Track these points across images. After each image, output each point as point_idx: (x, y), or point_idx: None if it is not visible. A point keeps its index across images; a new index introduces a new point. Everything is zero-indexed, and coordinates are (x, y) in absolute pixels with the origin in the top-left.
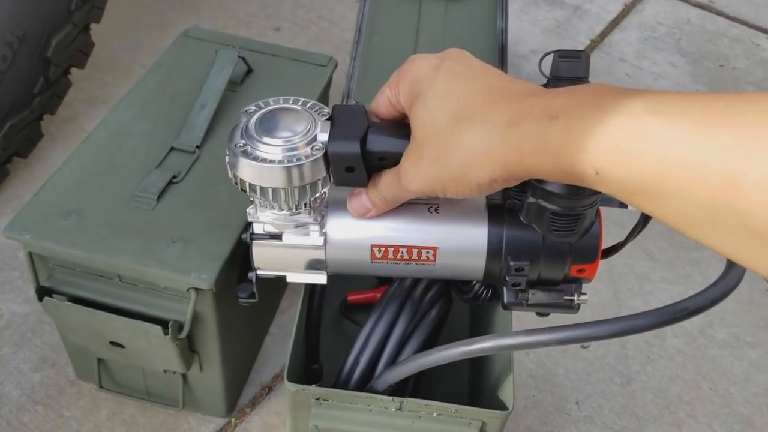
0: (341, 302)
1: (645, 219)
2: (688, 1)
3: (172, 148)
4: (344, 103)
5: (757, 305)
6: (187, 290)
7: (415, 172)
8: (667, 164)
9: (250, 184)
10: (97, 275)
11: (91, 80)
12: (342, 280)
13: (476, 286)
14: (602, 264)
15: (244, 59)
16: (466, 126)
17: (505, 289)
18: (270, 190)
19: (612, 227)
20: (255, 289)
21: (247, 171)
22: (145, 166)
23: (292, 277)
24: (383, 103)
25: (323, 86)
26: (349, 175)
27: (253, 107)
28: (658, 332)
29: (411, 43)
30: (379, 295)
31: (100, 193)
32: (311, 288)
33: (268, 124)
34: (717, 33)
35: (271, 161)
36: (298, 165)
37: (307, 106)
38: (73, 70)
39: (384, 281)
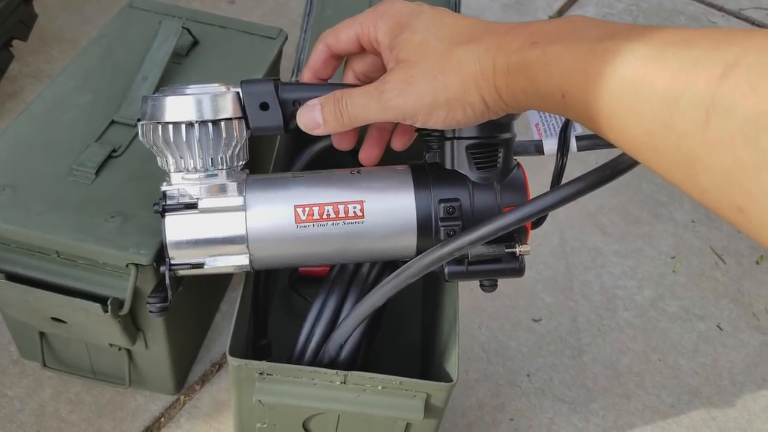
0: (290, 274)
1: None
2: None
3: (113, 121)
4: (292, 79)
5: (707, 278)
6: (127, 266)
7: (404, 88)
8: (623, 86)
9: (162, 130)
10: (34, 251)
11: (37, 54)
12: None
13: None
14: (555, 237)
15: (189, 30)
16: (464, 49)
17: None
18: (183, 129)
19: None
20: (169, 292)
21: (157, 113)
22: (84, 140)
23: (210, 263)
24: (348, 38)
25: (272, 59)
26: (264, 115)
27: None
28: (609, 306)
29: None
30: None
31: (37, 167)
32: None
33: (178, 88)
34: (674, 11)
35: (182, 94)
36: (208, 94)
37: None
38: (18, 43)
39: None
